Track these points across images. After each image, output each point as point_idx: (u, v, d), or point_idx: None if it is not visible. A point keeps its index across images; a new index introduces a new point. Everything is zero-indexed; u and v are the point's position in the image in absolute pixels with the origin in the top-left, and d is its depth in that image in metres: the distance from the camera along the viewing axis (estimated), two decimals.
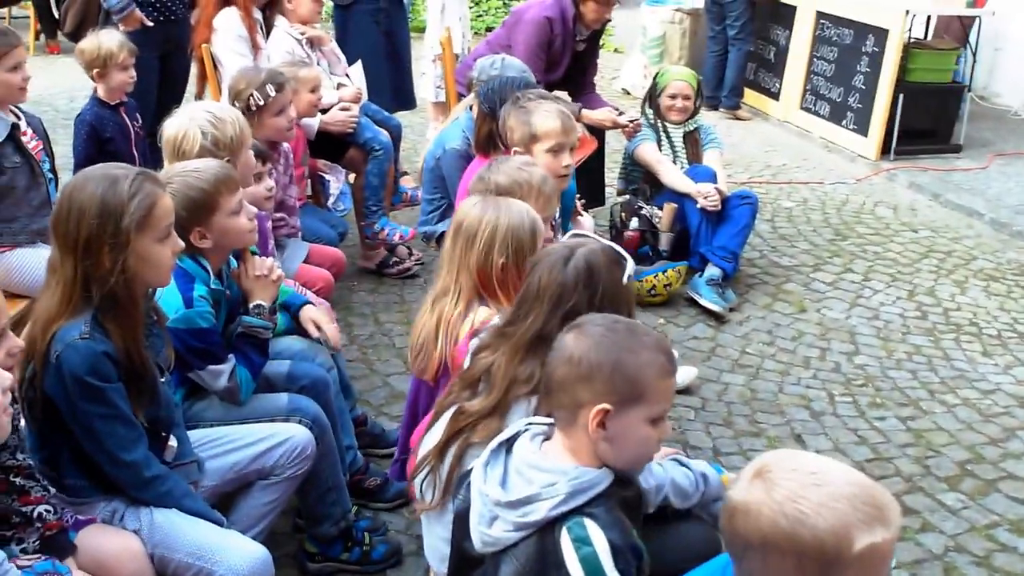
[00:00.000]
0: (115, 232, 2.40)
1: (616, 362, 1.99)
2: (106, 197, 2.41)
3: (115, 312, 2.44)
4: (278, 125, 4.34)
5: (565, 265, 2.39)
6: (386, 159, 5.38)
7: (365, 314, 5.13)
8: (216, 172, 2.98)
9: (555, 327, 2.27)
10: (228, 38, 5.29)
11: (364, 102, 5.63)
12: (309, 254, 4.48)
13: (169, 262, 2.54)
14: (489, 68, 4.70)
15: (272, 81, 4.29)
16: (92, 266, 2.41)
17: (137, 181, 2.44)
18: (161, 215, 2.48)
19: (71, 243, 2.42)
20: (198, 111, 3.48)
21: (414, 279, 5.53)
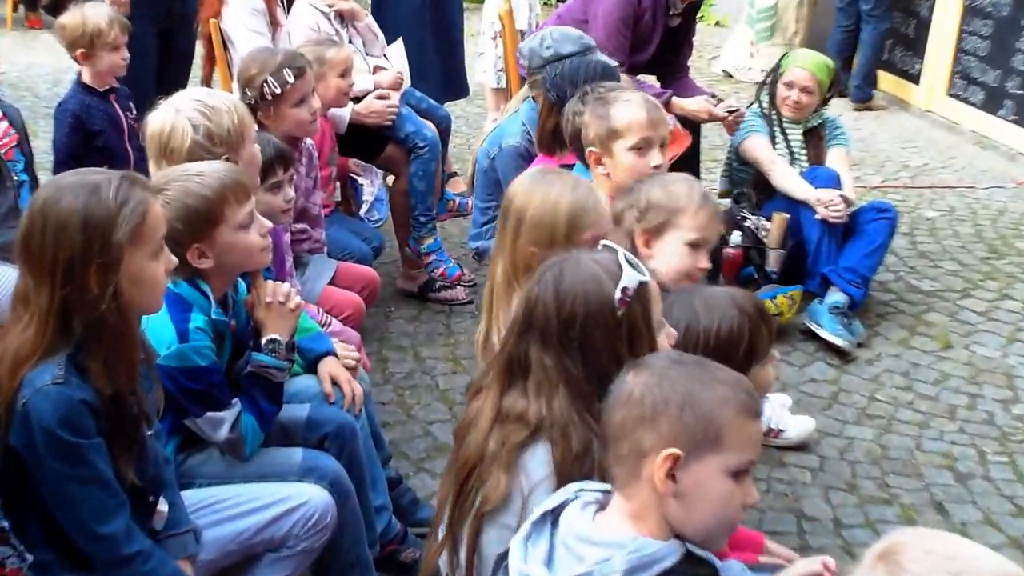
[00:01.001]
0: (105, 249, 2.40)
1: (686, 397, 1.96)
2: (90, 208, 2.41)
3: (104, 347, 2.44)
4: (298, 117, 4.36)
5: (540, 279, 2.43)
6: (432, 158, 5.39)
7: (403, 347, 5.14)
8: (223, 177, 2.99)
9: (532, 351, 2.38)
10: (241, 12, 5.35)
11: (406, 89, 5.66)
12: (336, 274, 4.50)
13: (163, 283, 2.56)
14: (541, 49, 4.67)
15: (290, 64, 4.33)
16: (75, 292, 2.42)
17: (123, 186, 2.45)
18: (154, 225, 2.49)
19: (47, 267, 2.42)
20: (186, 100, 3.49)
21: (464, 306, 5.53)
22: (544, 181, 3.08)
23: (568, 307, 2.37)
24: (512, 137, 4.65)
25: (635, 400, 1.99)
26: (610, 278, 2.39)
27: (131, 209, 2.43)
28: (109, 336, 2.44)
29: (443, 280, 5.50)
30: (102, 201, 2.42)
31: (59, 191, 2.45)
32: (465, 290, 5.56)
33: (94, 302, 2.41)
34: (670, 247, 3.40)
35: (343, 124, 5.22)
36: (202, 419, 2.98)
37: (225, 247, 2.99)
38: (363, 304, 4.43)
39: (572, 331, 2.35)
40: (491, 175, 4.71)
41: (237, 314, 3.18)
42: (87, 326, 2.43)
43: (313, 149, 4.64)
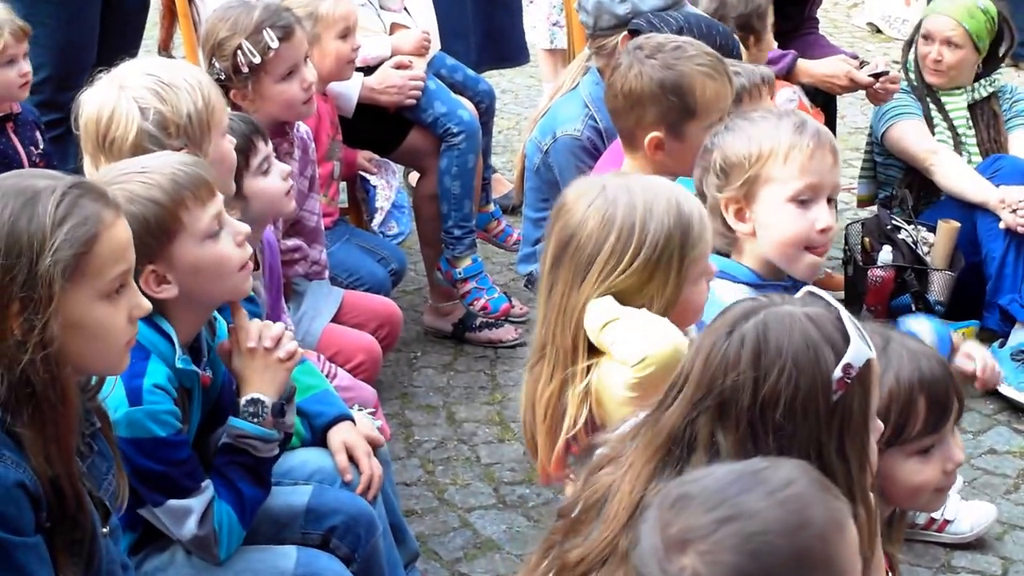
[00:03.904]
0: (28, 282, 2.42)
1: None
2: (17, 223, 2.43)
3: (33, 415, 2.45)
4: (287, 96, 4.40)
5: (730, 332, 2.38)
6: (470, 149, 5.43)
7: (433, 407, 5.16)
8: (177, 171, 3.00)
9: (703, 423, 2.31)
10: None
11: (436, 54, 5.70)
12: (343, 307, 4.55)
13: (122, 332, 2.56)
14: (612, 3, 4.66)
15: (273, 23, 4.36)
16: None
17: (68, 197, 2.47)
18: (109, 254, 2.50)
19: None
20: (133, 74, 3.51)
21: (514, 349, 5.56)
22: (623, 188, 3.02)
23: (773, 382, 2.30)
24: (570, 123, 4.66)
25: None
26: (830, 347, 2.33)
27: (72, 230, 2.44)
28: (38, 400, 2.45)
29: (485, 315, 5.52)
30: (35, 216, 2.43)
31: None
32: (515, 328, 5.59)
33: (14, 353, 2.42)
34: (770, 211, 3.37)
35: (350, 104, 5.25)
36: (162, 509, 2.99)
37: (189, 266, 2.98)
38: (379, 349, 4.46)
39: (772, 413, 2.29)
40: (544, 175, 4.73)
41: (213, 363, 3.21)
42: (10, 384, 2.43)
43: (309, 138, 4.68)
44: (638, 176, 3.19)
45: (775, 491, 1.87)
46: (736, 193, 3.36)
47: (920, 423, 2.72)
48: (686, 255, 2.95)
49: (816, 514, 1.85)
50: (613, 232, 2.93)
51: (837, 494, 1.93)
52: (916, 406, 2.71)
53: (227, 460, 3.10)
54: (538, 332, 3.07)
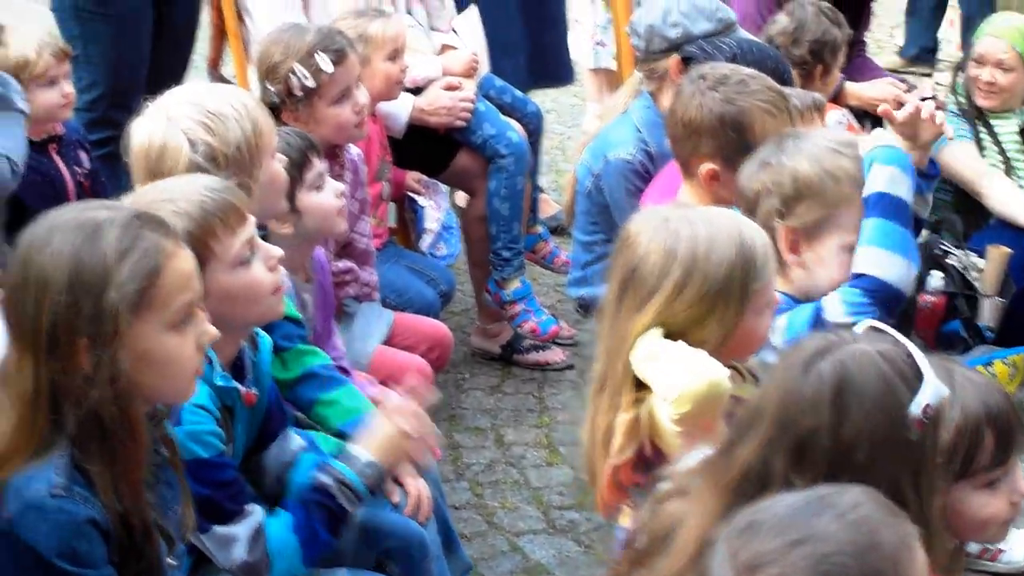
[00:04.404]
0: (94, 317, 2.43)
1: None
2: (81, 257, 2.44)
3: (102, 451, 2.46)
4: (340, 119, 4.43)
5: (806, 370, 2.36)
6: (519, 171, 5.45)
7: (481, 429, 5.18)
8: (204, 198, 2.98)
9: (778, 463, 2.29)
10: None
11: (484, 75, 5.71)
12: (393, 329, 4.56)
13: (191, 362, 2.57)
14: (664, 26, 4.63)
15: (326, 46, 4.39)
16: (63, 372, 2.44)
17: (130, 230, 2.48)
18: (174, 285, 2.51)
19: (29, 334, 2.46)
20: (180, 104, 3.50)
21: (563, 372, 5.56)
22: (686, 220, 3.00)
23: (852, 424, 2.29)
24: (621, 146, 4.66)
25: None
26: (905, 386, 2.32)
27: (136, 263, 2.44)
28: (107, 434, 2.45)
29: (534, 337, 5.53)
30: (97, 249, 2.44)
31: (49, 231, 2.48)
32: (563, 351, 5.60)
33: (84, 386, 2.43)
34: (829, 254, 3.44)
35: (399, 125, 5.27)
36: (208, 536, 2.98)
37: (221, 293, 2.94)
38: (430, 371, 4.45)
39: (850, 454, 2.27)
40: (596, 199, 4.73)
41: (258, 380, 3.21)
42: (80, 419, 2.44)
43: (360, 161, 4.70)
44: (701, 208, 3.17)
45: (844, 513, 1.87)
46: (799, 226, 3.36)
47: (988, 456, 2.71)
48: (749, 287, 2.94)
49: (886, 536, 1.86)
50: (675, 265, 2.91)
51: (905, 518, 1.92)
52: (984, 439, 2.70)
53: (316, 498, 3.10)
54: (600, 361, 3.06)
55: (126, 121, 5.32)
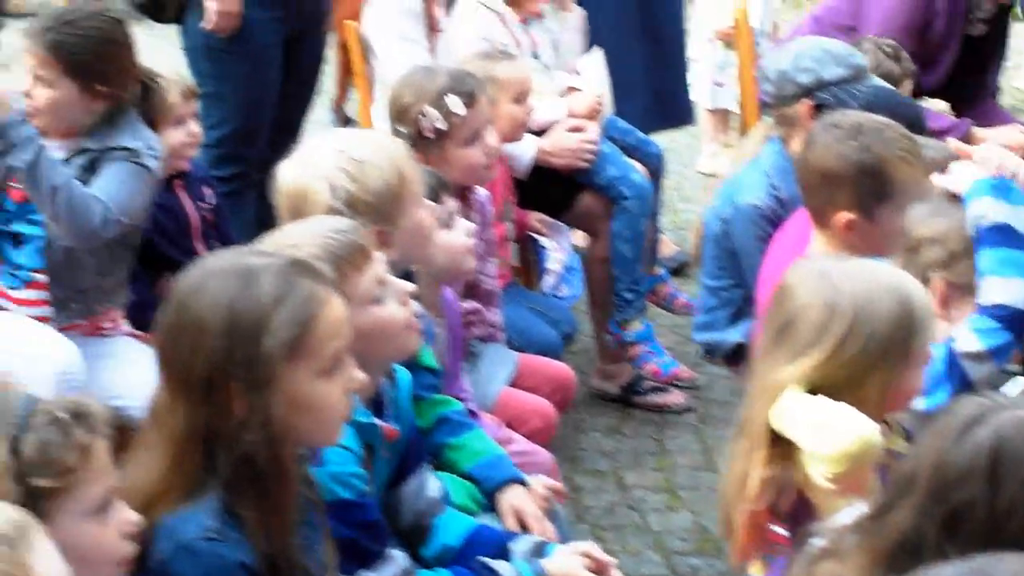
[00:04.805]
0: (250, 361, 2.47)
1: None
2: (237, 304, 2.48)
3: (254, 494, 2.50)
4: (469, 161, 4.46)
5: (961, 437, 2.33)
6: (642, 213, 5.47)
7: (601, 471, 5.18)
8: (330, 242, 3.00)
9: (932, 532, 2.23)
10: (389, 12, 5.48)
11: (607, 117, 5.74)
12: (517, 370, 4.56)
13: (340, 408, 2.60)
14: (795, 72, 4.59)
15: (458, 89, 4.42)
16: (216, 416, 2.49)
17: (285, 277, 2.52)
18: (327, 333, 2.54)
19: (183, 378, 2.51)
20: (326, 151, 3.56)
21: (681, 415, 5.56)
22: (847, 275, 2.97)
23: (1009, 493, 2.23)
24: (751, 192, 4.64)
25: None
26: None
27: (291, 310, 2.49)
28: (258, 477, 2.49)
29: (655, 379, 5.52)
30: (253, 296, 2.48)
31: (205, 277, 2.54)
32: (683, 394, 5.60)
33: (237, 431, 2.47)
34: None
35: (523, 166, 5.29)
36: None
37: (356, 332, 2.89)
38: (554, 413, 4.46)
39: (1007, 525, 2.23)
40: (724, 244, 4.72)
41: (399, 416, 3.23)
42: (233, 462, 2.48)
43: (487, 202, 4.73)
44: (860, 261, 3.13)
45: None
46: (957, 282, 3.34)
47: None
48: (911, 344, 2.89)
49: None
50: (836, 320, 2.87)
51: None
52: None
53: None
54: (744, 408, 3.05)
55: (252, 158, 5.49)
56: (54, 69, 4.14)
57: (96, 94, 4.18)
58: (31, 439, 2.32)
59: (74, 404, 2.42)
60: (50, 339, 4.19)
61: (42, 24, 4.26)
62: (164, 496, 2.50)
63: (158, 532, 2.48)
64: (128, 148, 4.15)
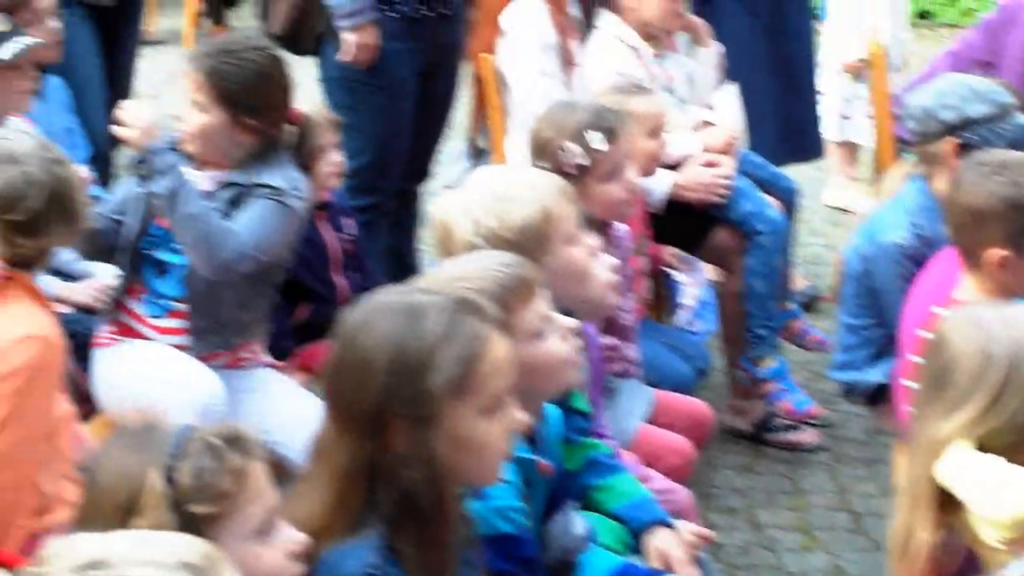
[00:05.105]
0: (415, 398, 2.48)
1: None
2: (403, 341, 2.50)
3: (415, 531, 2.51)
4: (609, 196, 4.44)
5: None
6: (777, 248, 5.45)
7: (734, 509, 5.16)
8: (499, 275, 3.01)
9: None
10: (525, 46, 5.50)
11: (742, 151, 5.74)
12: (654, 407, 4.55)
13: (501, 447, 2.61)
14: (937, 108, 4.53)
15: (599, 125, 4.40)
16: (380, 452, 2.50)
17: (451, 315, 2.53)
18: (490, 372, 2.55)
19: (349, 412, 2.53)
20: (474, 186, 3.59)
21: (814, 453, 5.53)
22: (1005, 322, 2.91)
23: None
24: (894, 230, 4.58)
25: None
26: None
27: (456, 348, 2.50)
28: (419, 514, 2.50)
29: (788, 417, 5.49)
30: (419, 334, 2.50)
31: (371, 314, 2.56)
32: (816, 432, 5.56)
33: (401, 467, 2.48)
34: None
35: (658, 200, 5.28)
36: None
37: (519, 367, 2.88)
38: (692, 450, 4.44)
39: None
40: (865, 282, 4.67)
41: (550, 452, 3.23)
42: (396, 498, 2.49)
43: (627, 237, 4.72)
44: (1018, 307, 3.09)
45: None
46: None
47: None
48: None
49: None
50: (991, 369, 2.81)
51: None
52: None
53: None
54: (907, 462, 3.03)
55: (386, 189, 5.54)
56: (208, 95, 4.19)
57: (245, 127, 4.22)
58: (186, 467, 2.35)
59: (227, 429, 2.46)
60: (193, 370, 4.24)
61: (204, 50, 4.37)
62: (326, 531, 2.50)
63: (320, 567, 2.48)
64: (274, 186, 4.18)
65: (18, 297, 3.48)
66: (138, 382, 4.20)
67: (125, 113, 4.10)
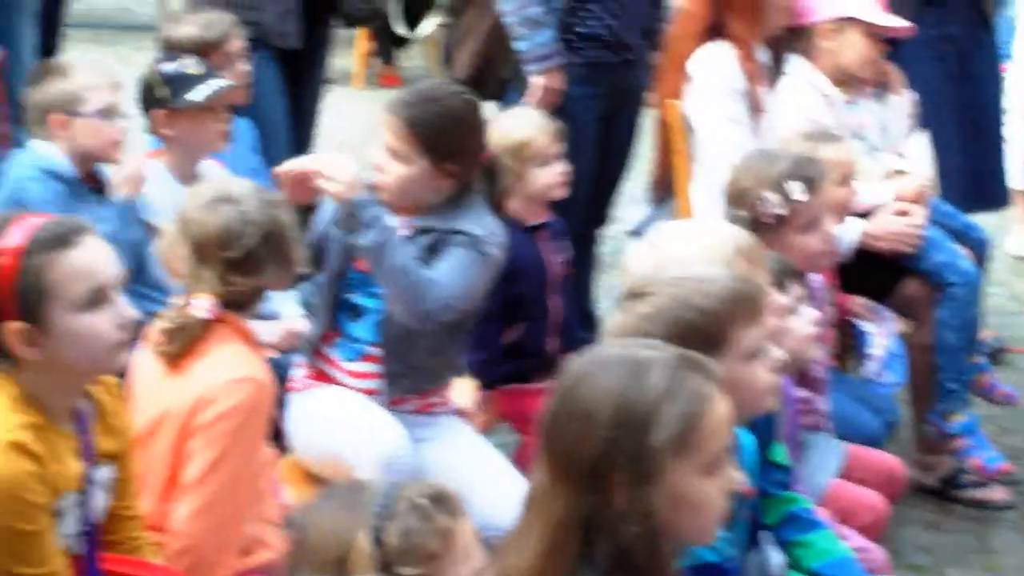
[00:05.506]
0: (637, 454, 2.46)
1: None
2: (627, 395, 2.47)
3: None
4: (807, 248, 4.39)
5: None
6: (970, 301, 5.37)
7: (921, 567, 5.08)
8: (734, 286, 3.04)
9: None
10: (714, 92, 5.45)
11: (933, 200, 5.65)
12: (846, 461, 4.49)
13: (719, 507, 2.57)
14: None
15: (800, 174, 4.37)
16: (597, 506, 2.48)
17: (676, 371, 2.50)
18: (711, 430, 2.51)
19: (567, 465, 2.50)
20: (669, 237, 3.58)
21: (1002, 512, 5.44)
22: None
23: None
24: None
25: None
26: None
27: (680, 405, 2.47)
28: (638, 570, 2.47)
29: (977, 474, 5.39)
30: (643, 388, 2.47)
31: (595, 365, 2.54)
32: (1007, 490, 5.46)
33: (618, 522, 2.45)
34: None
35: (846, 249, 5.21)
36: None
37: (730, 382, 2.86)
38: (885, 507, 4.39)
39: None
40: None
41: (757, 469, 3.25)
42: (612, 553, 2.47)
43: (822, 288, 4.68)
44: None
45: None
46: None
47: None
48: None
49: None
50: None
51: None
52: None
53: None
54: None
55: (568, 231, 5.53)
56: (410, 144, 4.19)
57: (446, 173, 4.22)
58: (394, 528, 2.35)
59: (432, 488, 2.45)
60: (382, 420, 4.26)
61: (404, 98, 4.33)
62: None
63: None
64: (472, 234, 4.18)
65: (230, 339, 3.56)
66: (328, 429, 4.27)
67: (327, 166, 4.12)
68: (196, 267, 3.54)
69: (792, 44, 5.59)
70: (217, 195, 3.60)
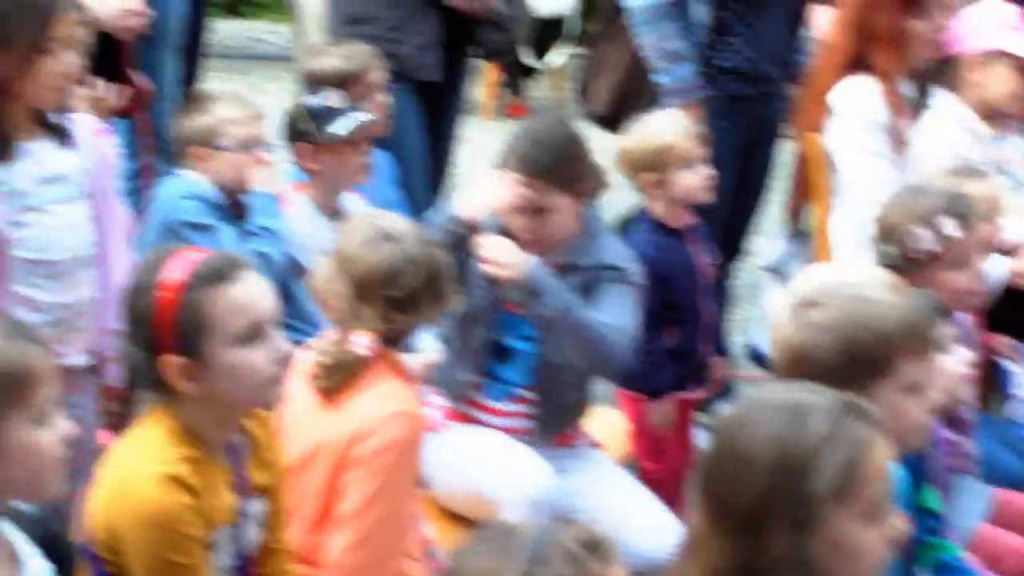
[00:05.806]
0: (797, 500, 2.43)
1: None
2: (786, 440, 2.45)
3: None
4: (957, 286, 4.32)
5: None
6: None
7: None
8: (907, 316, 3.02)
9: None
10: (856, 125, 5.39)
11: None
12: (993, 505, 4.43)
13: (878, 556, 2.53)
14: None
15: (953, 210, 4.30)
16: (754, 552, 2.46)
17: (836, 416, 2.48)
18: (871, 476, 2.48)
19: (725, 510, 2.49)
20: (805, 279, 3.53)
21: None
22: None
23: None
24: None
25: None
26: None
27: (840, 451, 2.44)
28: None
29: None
30: (802, 433, 2.45)
31: (755, 409, 2.53)
32: None
33: (776, 569, 2.44)
34: None
35: (992, 287, 5.12)
36: None
37: (887, 411, 2.87)
38: None
39: None
40: None
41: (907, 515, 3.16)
42: None
43: (970, 325, 4.63)
44: None
45: None
46: None
47: None
48: None
49: None
50: None
51: None
52: None
53: None
54: None
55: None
56: (546, 190, 4.22)
57: (583, 196, 4.26)
58: (544, 574, 2.33)
59: (586, 533, 2.43)
60: (526, 459, 4.27)
61: (515, 154, 4.35)
62: None
63: None
64: (621, 268, 4.17)
65: (386, 374, 3.60)
66: (470, 468, 4.29)
67: (490, 253, 4.17)
68: (356, 304, 3.59)
69: (937, 77, 5.53)
70: (377, 233, 3.64)
